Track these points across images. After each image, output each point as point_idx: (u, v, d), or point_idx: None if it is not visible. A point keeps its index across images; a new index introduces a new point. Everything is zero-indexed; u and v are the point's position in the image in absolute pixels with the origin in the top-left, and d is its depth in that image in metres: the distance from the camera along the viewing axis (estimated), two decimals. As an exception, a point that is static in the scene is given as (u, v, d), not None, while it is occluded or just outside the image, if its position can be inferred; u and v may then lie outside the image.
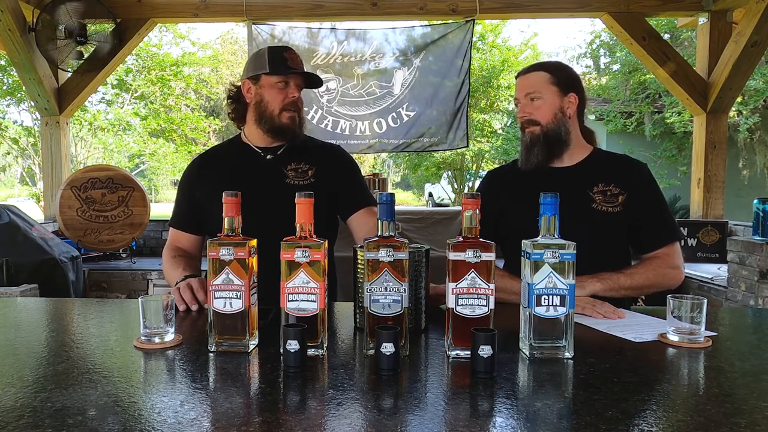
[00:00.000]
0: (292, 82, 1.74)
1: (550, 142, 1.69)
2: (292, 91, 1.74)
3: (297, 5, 4.43)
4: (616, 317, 1.43)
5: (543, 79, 1.69)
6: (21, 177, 16.07)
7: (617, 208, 1.66)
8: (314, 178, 1.77)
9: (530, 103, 1.69)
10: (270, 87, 1.73)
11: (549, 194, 1.14)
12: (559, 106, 1.68)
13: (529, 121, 1.70)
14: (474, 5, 4.34)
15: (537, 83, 1.69)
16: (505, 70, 12.76)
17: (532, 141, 1.69)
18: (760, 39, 3.90)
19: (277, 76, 1.72)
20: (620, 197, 1.66)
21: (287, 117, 1.74)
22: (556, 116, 1.68)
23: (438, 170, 14.07)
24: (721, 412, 0.87)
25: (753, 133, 9.55)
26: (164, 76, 9.61)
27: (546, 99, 1.68)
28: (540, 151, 1.69)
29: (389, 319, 1.10)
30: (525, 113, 1.70)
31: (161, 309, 1.19)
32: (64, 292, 3.56)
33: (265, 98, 1.74)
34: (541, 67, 1.73)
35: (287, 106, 1.73)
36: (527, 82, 1.71)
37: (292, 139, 1.78)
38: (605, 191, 1.67)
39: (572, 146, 1.72)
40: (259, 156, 1.80)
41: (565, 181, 1.67)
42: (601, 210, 1.66)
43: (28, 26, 4.06)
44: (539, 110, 1.68)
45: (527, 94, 1.70)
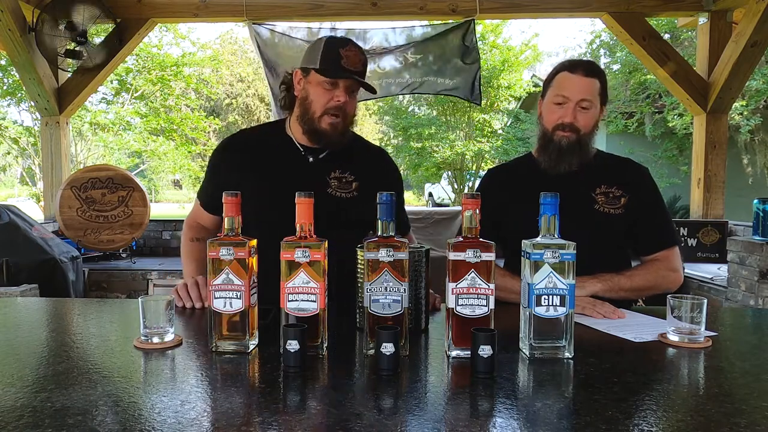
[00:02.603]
0: (342, 83, 1.55)
1: (583, 149, 1.66)
2: (339, 93, 1.55)
3: (297, 5, 4.42)
4: (615, 317, 1.43)
5: (597, 88, 1.63)
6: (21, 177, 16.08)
7: (619, 210, 1.66)
8: (357, 191, 1.65)
9: (581, 110, 1.62)
10: (316, 85, 1.56)
11: (549, 194, 1.14)
12: (599, 116, 1.67)
13: (570, 125, 1.62)
14: (474, 5, 4.34)
15: (593, 91, 1.63)
16: (505, 70, 12.77)
17: (569, 147, 1.64)
18: (760, 39, 3.90)
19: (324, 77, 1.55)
20: (622, 199, 1.67)
21: (327, 122, 1.57)
22: (595, 125, 1.67)
23: (438, 170, 14.07)
24: (721, 412, 0.87)
25: (754, 134, 9.55)
26: (164, 76, 9.61)
27: (593, 110, 1.64)
28: (572, 157, 1.65)
29: (389, 319, 1.10)
30: (573, 119, 1.62)
31: (161, 309, 1.19)
32: (64, 292, 3.56)
33: (310, 96, 1.58)
34: (597, 73, 1.65)
35: (330, 109, 1.56)
36: (586, 87, 1.62)
37: (330, 147, 1.64)
38: (608, 193, 1.67)
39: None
40: (302, 155, 1.66)
41: (569, 182, 1.64)
42: (604, 211, 1.66)
43: (28, 26, 4.06)
44: (585, 119, 1.63)
45: (582, 100, 1.61)
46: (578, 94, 1.61)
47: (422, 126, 13.51)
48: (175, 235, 4.85)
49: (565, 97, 1.63)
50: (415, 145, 13.61)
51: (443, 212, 4.74)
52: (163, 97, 10.33)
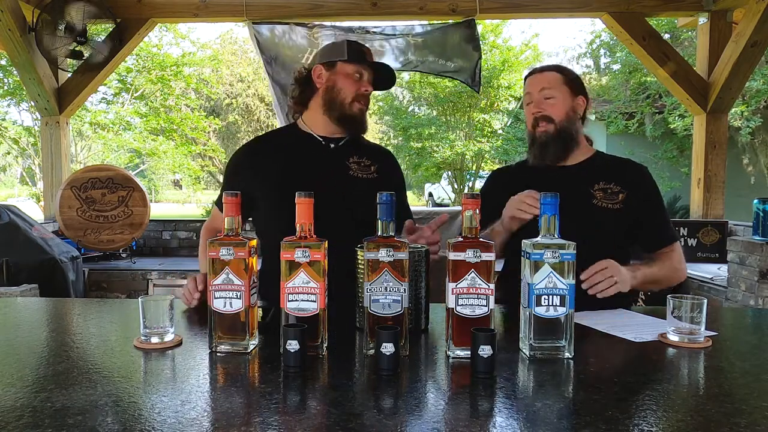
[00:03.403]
0: (366, 75, 1.72)
1: (564, 140, 1.72)
2: (365, 84, 1.72)
3: (297, 5, 4.42)
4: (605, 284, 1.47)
5: (557, 78, 1.73)
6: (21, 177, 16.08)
7: (617, 205, 1.69)
8: (377, 174, 1.76)
9: (544, 101, 1.72)
10: (345, 76, 1.70)
11: (549, 194, 1.14)
12: (571, 106, 1.72)
13: (543, 117, 1.72)
14: (474, 5, 4.34)
15: (551, 81, 1.72)
16: (505, 70, 12.77)
17: (548, 138, 1.72)
18: (760, 39, 3.90)
19: (354, 64, 1.70)
20: (620, 195, 1.70)
21: (358, 107, 1.71)
22: (569, 114, 1.72)
23: (438, 170, 14.07)
24: (721, 412, 0.87)
25: (755, 135, 9.55)
26: (164, 76, 9.61)
27: (559, 97, 1.71)
28: (556, 149, 1.72)
29: (389, 319, 1.10)
30: (540, 109, 1.72)
31: (161, 309, 1.19)
32: (64, 292, 3.56)
33: (338, 85, 1.70)
34: (553, 68, 1.77)
35: (359, 97, 1.71)
36: (542, 79, 1.74)
37: (358, 132, 1.76)
38: (606, 189, 1.71)
39: (579, 147, 1.76)
40: (321, 144, 1.75)
41: (568, 179, 1.71)
42: (602, 206, 1.69)
43: (28, 26, 4.06)
44: (553, 107, 1.71)
45: (542, 89, 1.72)
46: (536, 86, 1.74)
47: (422, 126, 13.50)
48: (175, 235, 4.85)
49: (529, 95, 1.76)
50: (415, 145, 13.61)
51: (443, 212, 4.73)
52: (163, 97, 10.33)
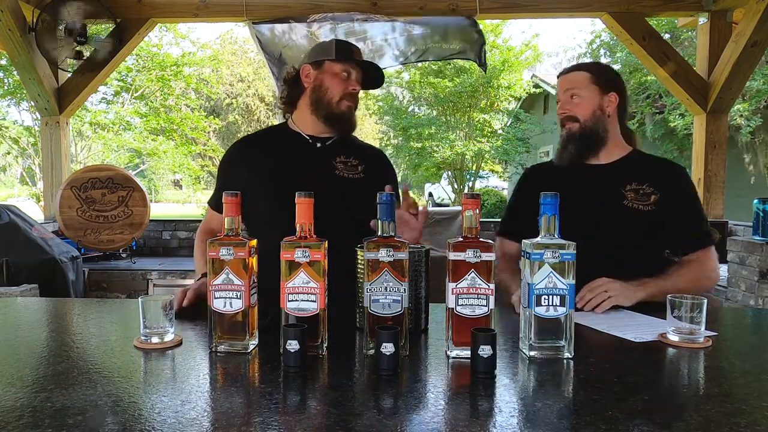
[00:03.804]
0: (354, 74, 1.72)
1: (586, 139, 1.72)
2: (353, 83, 1.72)
3: (297, 5, 4.42)
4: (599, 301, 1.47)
5: (583, 77, 1.74)
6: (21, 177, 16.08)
7: (649, 207, 1.67)
8: (364, 174, 1.75)
9: (570, 101, 1.73)
10: (333, 75, 1.71)
11: (549, 194, 1.14)
12: (598, 104, 1.72)
13: (568, 117, 1.74)
14: (474, 5, 4.34)
15: (577, 81, 1.74)
16: (505, 70, 12.77)
17: (569, 137, 1.74)
18: (760, 39, 3.90)
19: (341, 63, 1.70)
20: (653, 196, 1.68)
21: (346, 106, 1.71)
22: (595, 113, 1.71)
23: (438, 170, 14.07)
24: (721, 412, 0.87)
25: (755, 135, 9.56)
26: (164, 76, 9.61)
27: (585, 96, 1.72)
28: (575, 148, 1.73)
29: (389, 319, 1.10)
30: (564, 110, 1.74)
31: (161, 309, 1.19)
32: (64, 292, 3.56)
33: (326, 84, 1.71)
34: (582, 66, 1.78)
35: (347, 96, 1.71)
36: (568, 80, 1.76)
37: (346, 131, 1.75)
38: (638, 189, 1.69)
39: (610, 144, 1.75)
40: (309, 143, 1.76)
41: (600, 178, 1.72)
42: (633, 207, 1.67)
43: (28, 26, 4.06)
44: (578, 107, 1.72)
45: (567, 90, 1.74)
46: (562, 87, 1.76)
47: (422, 126, 13.51)
48: (175, 235, 4.85)
49: (557, 96, 1.79)
50: (415, 145, 13.61)
51: (443, 212, 4.73)
52: (163, 97, 10.33)
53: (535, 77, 15.38)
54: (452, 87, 12.84)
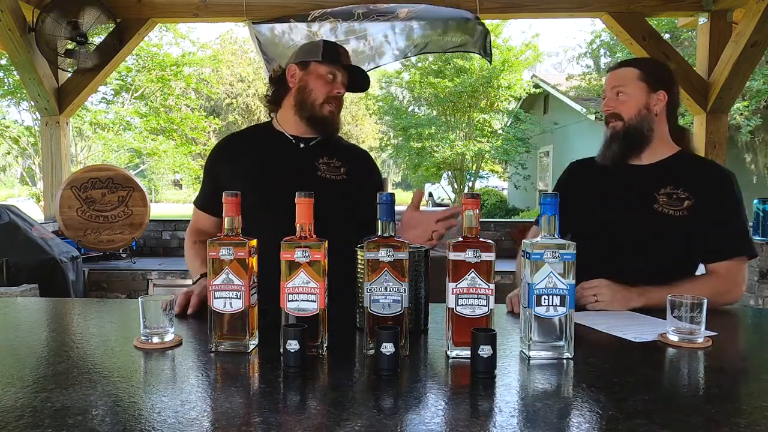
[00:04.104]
0: (340, 77, 1.71)
1: (630, 138, 1.68)
2: (338, 86, 1.71)
3: (297, 5, 4.42)
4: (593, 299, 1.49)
5: (632, 74, 1.69)
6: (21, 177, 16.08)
7: (681, 212, 1.61)
8: (346, 175, 1.75)
9: (615, 98, 1.69)
10: (318, 76, 1.70)
11: (549, 194, 1.14)
12: (644, 103, 1.67)
13: (612, 114, 1.70)
14: (474, 5, 4.33)
15: (625, 78, 1.69)
16: (505, 70, 12.78)
17: (612, 136, 1.70)
18: (760, 39, 3.90)
19: (327, 66, 1.70)
20: (686, 202, 1.61)
21: (328, 110, 1.71)
22: (641, 112, 1.66)
23: (438, 170, 14.08)
24: (721, 412, 0.87)
25: (755, 135, 9.56)
26: (164, 76, 9.61)
27: (632, 94, 1.67)
28: (618, 147, 1.69)
29: (389, 319, 1.10)
30: (609, 107, 1.70)
31: (161, 309, 1.19)
32: (64, 292, 3.56)
33: (310, 85, 1.70)
34: (631, 63, 1.73)
35: (331, 99, 1.71)
36: (615, 77, 1.71)
37: (328, 133, 1.75)
38: (671, 194, 1.63)
39: (654, 144, 1.69)
40: (292, 143, 1.76)
41: (636, 179, 1.69)
42: (663, 212, 1.62)
43: (28, 26, 4.06)
44: (624, 105, 1.68)
45: (614, 87, 1.70)
46: (611, 83, 1.71)
47: (422, 126, 13.51)
48: (175, 235, 4.85)
49: (604, 91, 1.74)
50: (415, 145, 13.61)
51: (444, 212, 4.72)
52: (163, 97, 10.33)
53: (535, 77, 15.39)
54: (452, 87, 12.84)
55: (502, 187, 17.86)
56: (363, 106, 18.12)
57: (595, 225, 1.69)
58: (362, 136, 20.53)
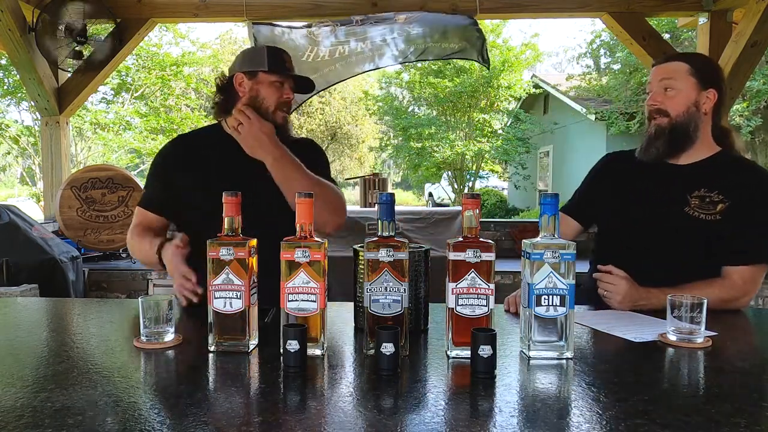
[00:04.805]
0: (287, 83, 1.77)
1: (675, 136, 1.60)
2: (287, 92, 1.76)
3: (297, 5, 4.42)
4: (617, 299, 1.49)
5: (682, 69, 1.60)
6: (21, 177, 16.08)
7: (713, 216, 1.55)
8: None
9: (663, 92, 1.61)
10: (267, 84, 1.74)
11: (549, 194, 1.14)
12: (694, 100, 1.59)
13: (658, 110, 1.61)
14: (474, 5, 4.33)
15: (674, 72, 1.60)
16: (505, 70, 12.78)
17: (657, 133, 1.61)
18: (760, 39, 3.90)
19: (275, 75, 1.73)
20: (720, 205, 1.55)
21: (281, 116, 1.75)
22: (689, 110, 1.58)
23: (438, 170, 14.08)
24: (721, 412, 0.87)
25: (755, 135, 9.56)
26: (164, 75, 9.61)
27: (681, 90, 1.59)
28: (662, 144, 1.61)
29: (389, 319, 1.10)
30: (656, 102, 1.61)
31: (161, 309, 1.19)
32: (64, 292, 3.56)
33: (261, 94, 1.73)
34: (682, 57, 1.65)
35: (282, 105, 1.75)
36: (664, 70, 1.62)
37: (281, 137, 1.75)
38: (704, 197, 1.57)
39: (696, 144, 1.62)
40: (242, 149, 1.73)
41: (671, 180, 1.62)
42: (694, 215, 1.56)
43: (28, 26, 4.06)
44: (672, 101, 1.59)
45: (662, 80, 1.61)
46: (657, 76, 1.63)
47: (422, 126, 13.51)
48: (175, 235, 4.85)
49: (650, 85, 1.66)
50: (415, 145, 13.61)
51: (443, 212, 4.72)
52: (163, 96, 10.34)
53: (535, 77, 15.39)
54: (452, 87, 12.84)
55: (502, 187, 17.86)
56: (363, 106, 18.13)
57: (624, 221, 1.68)
58: (362, 136, 20.54)
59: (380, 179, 5.02)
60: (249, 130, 1.66)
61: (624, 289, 1.49)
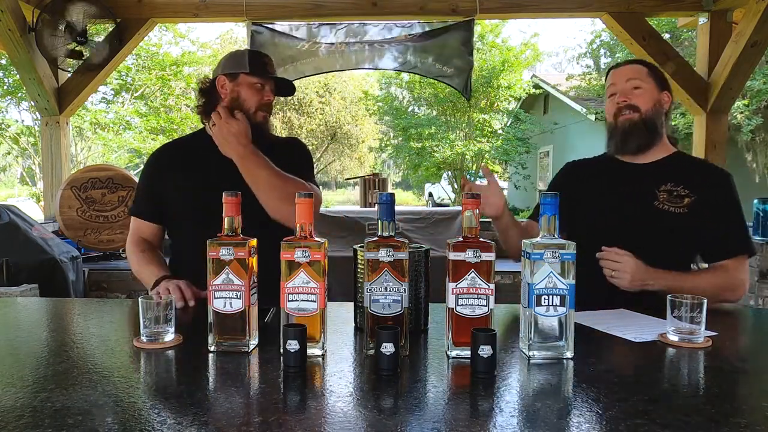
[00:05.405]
0: (268, 86, 1.79)
1: (648, 130, 1.69)
2: (267, 94, 1.79)
3: (297, 5, 4.42)
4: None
5: (643, 70, 1.72)
6: (21, 177, 16.08)
7: (682, 209, 1.63)
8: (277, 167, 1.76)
9: (631, 90, 1.70)
10: (248, 86, 1.76)
11: (549, 194, 1.14)
12: (657, 98, 1.71)
13: (628, 106, 1.69)
14: (474, 5, 4.34)
15: (638, 72, 1.72)
16: (505, 70, 12.77)
17: (631, 127, 1.69)
18: (760, 39, 3.89)
19: (255, 77, 1.76)
20: (686, 199, 1.63)
21: (262, 117, 1.78)
22: (655, 106, 1.69)
23: (438, 170, 14.07)
24: (721, 412, 0.87)
25: (756, 135, 9.56)
26: (164, 75, 9.61)
27: (647, 89, 1.70)
28: (638, 138, 1.69)
29: (389, 319, 1.10)
30: (625, 98, 1.70)
31: (161, 309, 1.19)
32: (64, 292, 3.56)
33: (242, 96, 1.76)
34: (639, 61, 1.78)
35: (263, 107, 1.78)
36: (627, 71, 1.73)
37: (263, 138, 1.78)
38: (672, 191, 1.65)
39: (659, 143, 1.72)
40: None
41: (638, 177, 1.70)
42: (664, 209, 1.64)
43: (28, 26, 4.06)
44: (640, 97, 1.69)
45: (629, 80, 1.71)
46: (622, 77, 1.73)
47: (422, 126, 13.51)
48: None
49: (614, 86, 1.74)
50: (415, 145, 13.60)
51: (443, 212, 4.73)
52: (163, 96, 10.34)
53: (535, 77, 15.38)
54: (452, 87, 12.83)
55: (502, 187, 17.84)
56: (363, 107, 18.12)
57: (597, 220, 1.70)
58: (362, 136, 20.54)
59: (380, 179, 5.02)
60: (219, 129, 1.68)
61: (632, 267, 1.51)
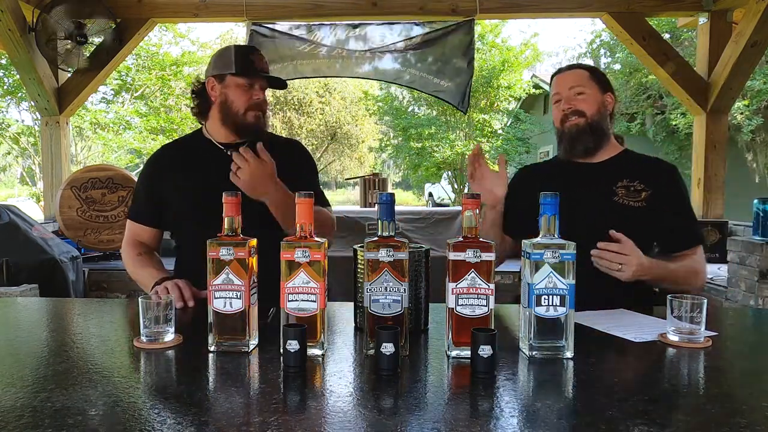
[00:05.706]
0: (257, 83, 1.75)
1: (595, 133, 1.74)
2: (257, 92, 1.75)
3: (297, 5, 4.42)
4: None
5: (585, 75, 1.77)
6: (21, 177, 16.08)
7: (639, 203, 1.69)
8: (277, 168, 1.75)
9: (575, 96, 1.75)
10: (235, 87, 1.73)
11: (549, 194, 1.14)
12: (601, 101, 1.75)
13: (574, 112, 1.74)
14: (474, 5, 4.34)
15: (580, 78, 1.76)
16: (505, 70, 12.76)
17: (579, 131, 1.74)
18: (760, 39, 3.89)
19: (242, 77, 1.73)
20: (643, 193, 1.70)
21: (252, 116, 1.75)
22: (600, 109, 1.74)
23: (438, 170, 14.07)
24: (721, 412, 0.87)
25: (756, 135, 9.56)
26: (164, 75, 9.61)
27: (590, 93, 1.75)
28: (586, 142, 1.74)
29: (389, 319, 1.10)
30: (570, 104, 1.75)
31: (161, 309, 1.19)
32: (64, 292, 3.56)
33: (230, 98, 1.74)
34: (580, 66, 1.82)
35: (252, 106, 1.74)
36: (569, 77, 1.78)
37: (257, 137, 1.76)
38: (629, 186, 1.71)
39: (606, 143, 1.78)
40: (221, 152, 1.78)
41: (593, 176, 1.75)
42: (623, 204, 1.70)
43: (28, 26, 4.06)
44: (584, 102, 1.74)
45: (571, 87, 1.75)
46: (565, 84, 1.77)
47: (422, 126, 13.50)
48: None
49: (558, 93, 1.79)
50: (415, 145, 13.60)
51: (443, 212, 4.73)
52: (163, 96, 10.34)
53: (535, 77, 15.38)
54: (452, 87, 12.83)
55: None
56: (363, 106, 18.12)
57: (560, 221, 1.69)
58: (362, 136, 20.54)
59: (380, 179, 5.03)
60: (251, 173, 1.61)
61: (639, 258, 1.51)
